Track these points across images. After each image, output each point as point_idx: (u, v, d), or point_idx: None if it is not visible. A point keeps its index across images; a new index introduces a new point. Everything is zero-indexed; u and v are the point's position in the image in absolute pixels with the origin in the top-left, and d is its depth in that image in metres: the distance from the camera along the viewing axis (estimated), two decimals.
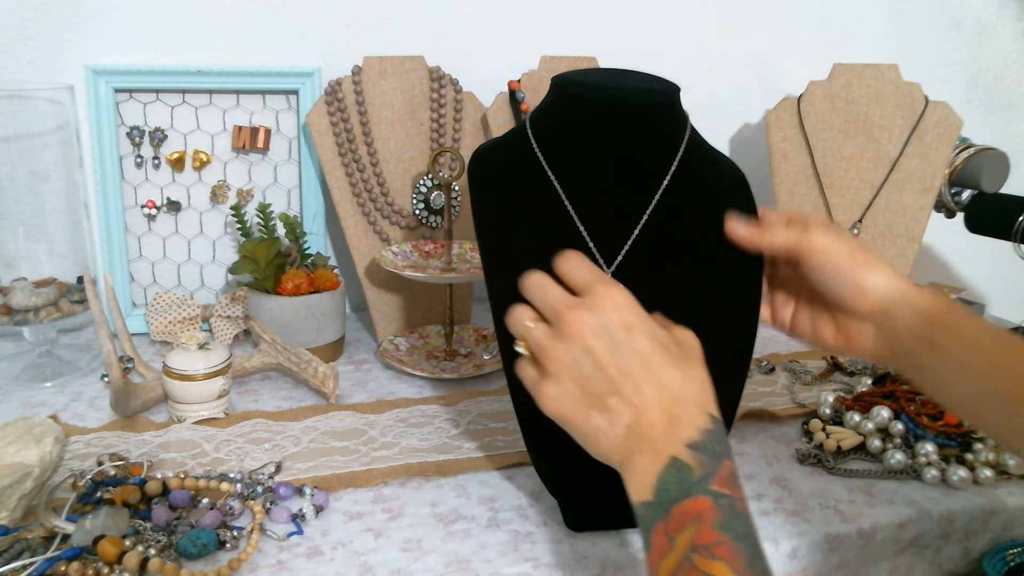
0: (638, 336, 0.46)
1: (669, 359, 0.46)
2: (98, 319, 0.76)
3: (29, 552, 0.53)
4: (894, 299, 0.52)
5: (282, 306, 0.88)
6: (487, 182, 0.63)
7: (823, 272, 0.54)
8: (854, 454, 0.72)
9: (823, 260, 0.54)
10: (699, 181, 0.61)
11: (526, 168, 0.61)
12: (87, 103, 0.94)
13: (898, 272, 0.54)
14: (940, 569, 0.66)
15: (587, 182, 0.60)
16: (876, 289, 0.53)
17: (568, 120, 0.60)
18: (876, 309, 0.53)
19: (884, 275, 0.53)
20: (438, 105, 0.98)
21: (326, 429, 0.75)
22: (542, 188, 0.60)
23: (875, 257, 0.54)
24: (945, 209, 1.07)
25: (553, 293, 0.48)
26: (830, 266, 0.54)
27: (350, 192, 0.96)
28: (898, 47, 1.28)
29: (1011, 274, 1.39)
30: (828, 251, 0.54)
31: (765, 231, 0.57)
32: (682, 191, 0.60)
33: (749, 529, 0.40)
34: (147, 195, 0.99)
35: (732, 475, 0.42)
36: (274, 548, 0.57)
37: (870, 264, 0.54)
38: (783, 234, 0.56)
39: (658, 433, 0.43)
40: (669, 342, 0.47)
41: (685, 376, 0.46)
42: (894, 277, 0.53)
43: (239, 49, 1.00)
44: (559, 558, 0.57)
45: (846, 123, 1.00)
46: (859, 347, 0.56)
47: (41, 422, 0.67)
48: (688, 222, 0.60)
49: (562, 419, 0.47)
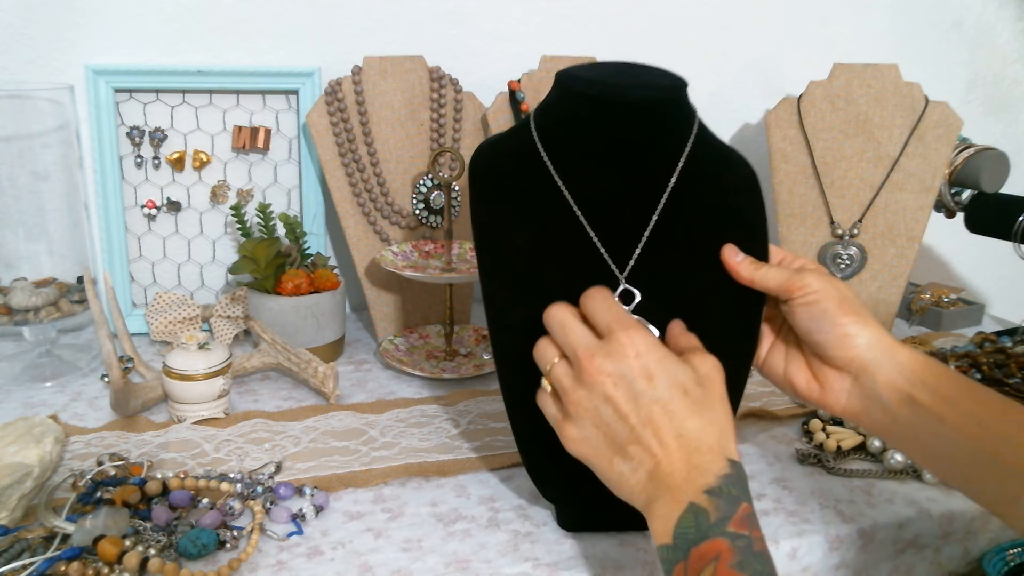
0: (658, 383, 0.47)
1: (689, 405, 0.47)
2: (98, 319, 0.76)
3: (29, 552, 0.53)
4: (875, 353, 0.52)
5: (282, 306, 0.88)
6: (488, 179, 0.61)
7: (810, 313, 0.54)
8: (854, 454, 0.72)
9: (812, 300, 0.54)
10: (708, 179, 0.60)
11: (529, 166, 0.60)
12: (87, 103, 0.94)
13: (883, 329, 0.54)
14: (940, 569, 0.66)
15: (592, 182, 0.58)
16: (859, 340, 0.53)
17: (571, 117, 0.59)
18: (856, 360, 0.53)
19: (869, 328, 0.53)
20: (438, 105, 0.98)
21: (326, 429, 0.75)
22: (546, 188, 0.59)
23: (864, 310, 0.54)
24: (945, 209, 1.07)
25: (575, 335, 0.49)
26: (818, 309, 0.54)
27: (350, 192, 0.96)
28: (898, 47, 1.28)
29: (1011, 274, 1.39)
30: (820, 293, 0.54)
31: (759, 268, 0.56)
32: (690, 189, 0.58)
33: (767, 567, 0.41)
34: (147, 195, 0.99)
35: (750, 516, 0.43)
36: (274, 548, 0.57)
37: (858, 315, 0.53)
38: (775, 273, 0.56)
39: (677, 481, 0.45)
40: (690, 382, 0.48)
41: (704, 422, 0.47)
42: (879, 332, 0.53)
43: (239, 49, 1.00)
44: (559, 558, 0.57)
45: (846, 123, 1.00)
46: (830, 398, 0.55)
47: (41, 422, 0.67)
48: (697, 221, 0.59)
49: (585, 460, 0.50)
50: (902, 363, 0.52)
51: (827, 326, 0.53)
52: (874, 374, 0.52)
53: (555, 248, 0.58)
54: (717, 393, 0.48)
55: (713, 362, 0.49)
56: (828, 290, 0.54)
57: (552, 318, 0.51)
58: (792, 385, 0.58)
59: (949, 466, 0.51)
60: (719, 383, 0.49)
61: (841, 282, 0.56)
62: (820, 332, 0.54)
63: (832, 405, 0.55)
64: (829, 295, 0.54)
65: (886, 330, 0.54)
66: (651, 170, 0.58)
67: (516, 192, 0.60)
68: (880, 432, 0.54)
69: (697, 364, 0.49)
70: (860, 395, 0.54)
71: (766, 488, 0.67)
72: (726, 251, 0.57)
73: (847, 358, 0.53)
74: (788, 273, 0.55)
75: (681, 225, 0.58)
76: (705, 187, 0.59)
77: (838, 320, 0.53)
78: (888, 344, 0.53)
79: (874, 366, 0.52)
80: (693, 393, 0.47)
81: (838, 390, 0.55)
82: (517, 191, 0.60)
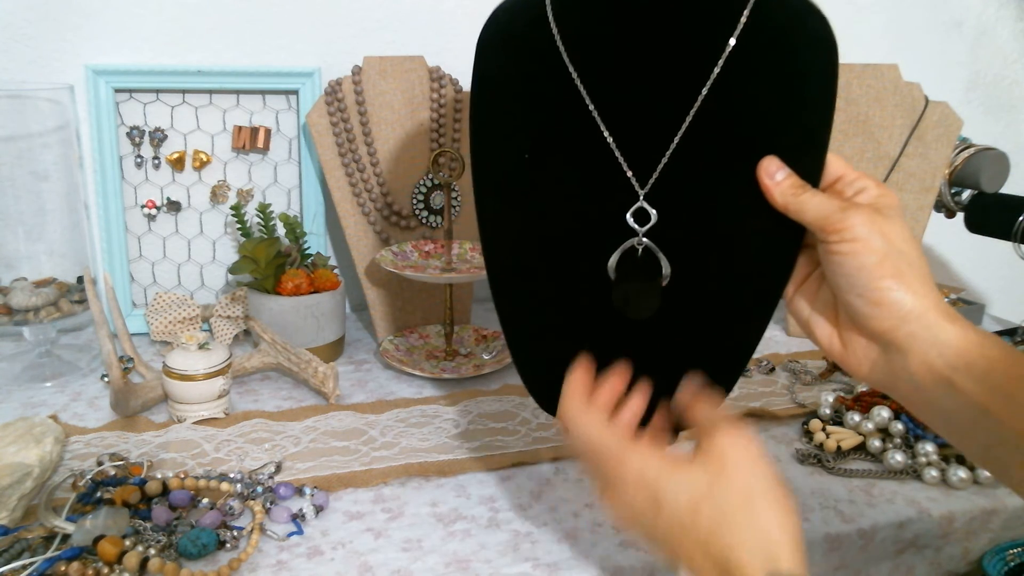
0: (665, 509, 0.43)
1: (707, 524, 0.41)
2: (98, 319, 0.76)
3: (29, 552, 0.53)
4: (912, 327, 0.43)
5: (282, 306, 0.88)
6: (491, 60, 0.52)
7: (843, 266, 0.45)
8: (854, 454, 0.72)
9: (848, 251, 0.44)
10: (767, 61, 0.47)
11: (539, 45, 0.49)
12: (87, 103, 0.94)
13: (933, 297, 0.44)
14: (940, 569, 0.66)
15: (613, 68, 0.48)
16: (895, 309, 0.44)
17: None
18: (887, 334, 0.44)
19: (912, 296, 0.43)
20: (438, 105, 0.98)
21: (326, 429, 0.75)
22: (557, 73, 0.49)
23: (913, 270, 0.44)
24: (945, 209, 1.07)
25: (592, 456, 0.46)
26: (854, 263, 0.44)
27: (350, 192, 0.96)
28: (898, 47, 1.28)
29: (1011, 274, 1.39)
30: (860, 243, 0.44)
31: (799, 192, 0.46)
32: (741, 78, 0.47)
33: None
34: (147, 195, 0.99)
35: None
36: (274, 548, 0.57)
37: (901, 277, 0.44)
38: (817, 203, 0.46)
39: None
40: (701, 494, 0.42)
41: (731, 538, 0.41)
42: (924, 301, 0.44)
43: (239, 49, 1.00)
44: (559, 558, 0.57)
45: (846, 123, 1.00)
46: (851, 362, 0.48)
47: (41, 422, 0.67)
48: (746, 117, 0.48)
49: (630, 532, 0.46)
50: (945, 342, 0.43)
51: (860, 286, 0.44)
52: (907, 352, 0.44)
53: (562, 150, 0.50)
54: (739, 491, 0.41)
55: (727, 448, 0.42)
56: (872, 240, 0.44)
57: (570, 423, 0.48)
58: (813, 335, 0.50)
59: (990, 457, 0.44)
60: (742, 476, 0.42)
61: (899, 227, 0.45)
62: (851, 291, 0.45)
63: (853, 370, 0.48)
64: (871, 247, 0.44)
65: (938, 298, 0.44)
66: (692, 51, 0.47)
67: (522, 80, 0.51)
68: (910, 408, 0.47)
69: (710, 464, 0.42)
70: (886, 369, 0.46)
71: None
72: (763, 166, 0.47)
73: (877, 329, 0.45)
74: (832, 207, 0.45)
75: (724, 125, 0.48)
76: (762, 72, 0.47)
77: (874, 282, 0.44)
78: (932, 318, 0.43)
79: (907, 343, 0.44)
80: (706, 508, 0.42)
81: (861, 357, 0.47)
82: (523, 79, 0.51)
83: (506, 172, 0.52)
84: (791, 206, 0.46)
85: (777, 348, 0.99)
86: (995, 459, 0.44)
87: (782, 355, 0.96)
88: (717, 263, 0.50)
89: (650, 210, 0.49)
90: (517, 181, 0.52)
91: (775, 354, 0.96)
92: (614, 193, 0.49)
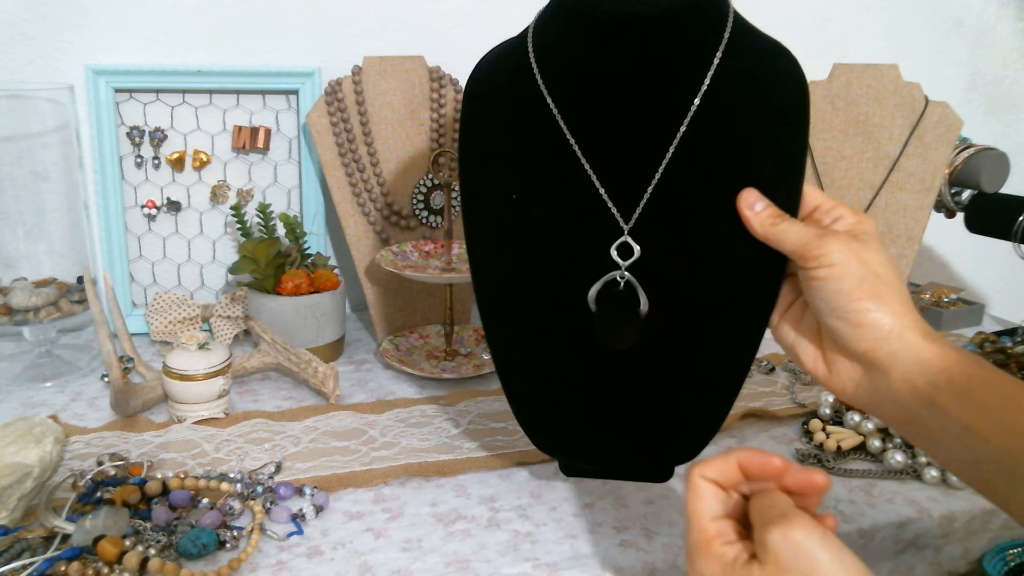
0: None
1: None
2: (98, 319, 0.76)
3: (29, 552, 0.53)
4: (893, 347, 0.45)
5: (282, 306, 0.88)
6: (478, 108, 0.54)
7: (823, 291, 0.46)
8: (854, 454, 0.72)
9: (826, 276, 0.46)
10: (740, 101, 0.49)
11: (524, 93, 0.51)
12: (87, 103, 0.94)
13: (912, 316, 0.45)
14: (940, 569, 0.66)
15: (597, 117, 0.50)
16: (876, 330, 0.45)
17: (565, 39, 0.50)
18: (869, 354, 0.46)
19: (891, 317, 0.45)
20: (438, 105, 0.98)
21: (326, 429, 0.75)
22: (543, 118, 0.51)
23: (891, 291, 0.45)
24: (945, 209, 1.07)
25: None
26: (832, 288, 0.46)
27: (350, 192, 0.96)
28: (898, 47, 1.28)
29: (1011, 274, 1.39)
30: (837, 268, 0.45)
31: (778, 222, 0.48)
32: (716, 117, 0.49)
33: None
34: (147, 195, 0.99)
35: None
36: (274, 548, 0.57)
37: (879, 298, 0.45)
38: (795, 232, 0.47)
39: None
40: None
41: None
42: (903, 321, 0.45)
43: (239, 49, 1.00)
44: (559, 558, 0.57)
45: (846, 123, 1.00)
46: (836, 384, 0.49)
47: (41, 422, 0.67)
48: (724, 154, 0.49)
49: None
50: (927, 361, 0.44)
51: (840, 309, 0.46)
52: (888, 371, 0.45)
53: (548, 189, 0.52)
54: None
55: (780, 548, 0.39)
56: (848, 264, 0.45)
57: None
58: (799, 360, 0.51)
59: (974, 474, 0.44)
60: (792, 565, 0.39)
61: (875, 252, 0.46)
62: (832, 314, 0.46)
63: (839, 392, 0.49)
64: (848, 271, 0.45)
65: (917, 318, 0.45)
66: (669, 98, 0.49)
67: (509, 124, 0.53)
68: (893, 426, 0.47)
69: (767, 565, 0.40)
70: (870, 389, 0.47)
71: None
72: (743, 197, 0.49)
73: (859, 350, 0.46)
74: (809, 234, 0.47)
75: (702, 162, 0.50)
76: (736, 112, 0.49)
77: (852, 304, 0.45)
78: (912, 338, 0.44)
79: (888, 362, 0.45)
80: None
81: (846, 379, 0.48)
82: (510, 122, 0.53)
83: (495, 211, 0.54)
84: (771, 235, 0.48)
85: (777, 348, 0.99)
86: (980, 477, 0.44)
87: (782, 355, 0.96)
88: (701, 293, 0.52)
89: (634, 245, 0.51)
90: (506, 220, 0.54)
91: (775, 354, 0.96)
92: (599, 228, 0.51)
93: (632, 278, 0.51)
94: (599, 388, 0.56)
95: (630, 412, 0.56)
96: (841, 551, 0.39)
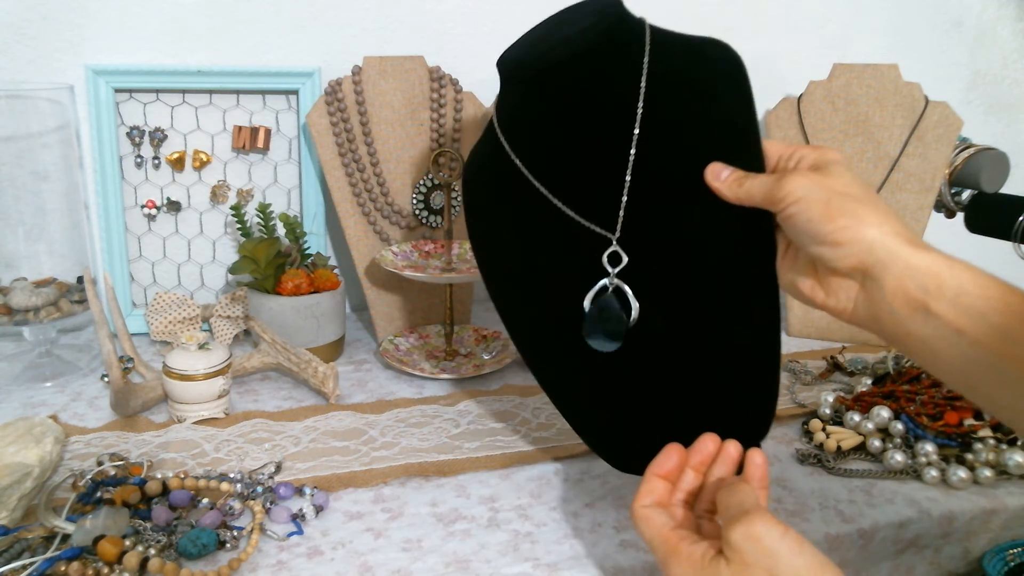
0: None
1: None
2: (98, 319, 0.76)
3: (29, 552, 0.53)
4: (880, 255, 0.45)
5: (282, 306, 0.88)
6: (472, 187, 0.61)
7: (795, 226, 0.48)
8: (854, 454, 0.72)
9: (794, 212, 0.47)
10: (678, 95, 0.52)
11: (501, 166, 0.57)
12: (87, 103, 0.94)
13: (893, 222, 0.46)
14: (940, 569, 0.66)
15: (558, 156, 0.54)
16: (857, 244, 0.45)
17: (510, 100, 0.55)
18: (857, 267, 0.46)
19: (869, 228, 0.45)
20: (438, 105, 0.98)
21: (326, 429, 0.75)
22: (519, 180, 0.56)
23: (863, 206, 0.46)
24: (945, 209, 1.07)
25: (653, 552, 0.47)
26: (802, 219, 0.47)
27: (350, 192, 0.96)
28: (898, 47, 1.28)
29: (1011, 274, 1.39)
30: (800, 200, 0.47)
31: (743, 182, 0.50)
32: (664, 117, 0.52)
33: None
34: (147, 195, 0.99)
35: None
36: (274, 548, 0.57)
37: (852, 215, 0.46)
38: (758, 185, 0.49)
39: None
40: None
41: None
42: (885, 231, 0.45)
43: (239, 49, 1.00)
44: (559, 558, 0.57)
45: (846, 123, 1.00)
46: (838, 307, 0.49)
47: (41, 422, 0.67)
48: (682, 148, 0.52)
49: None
50: (916, 267, 0.44)
51: (818, 235, 0.47)
52: (880, 279, 0.45)
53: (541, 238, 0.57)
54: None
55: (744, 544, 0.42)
56: (811, 193, 0.46)
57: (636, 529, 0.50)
58: (800, 294, 0.52)
59: (970, 384, 0.45)
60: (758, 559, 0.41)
61: (839, 176, 0.47)
62: (813, 243, 0.47)
63: (839, 312, 0.49)
64: (812, 199, 0.46)
65: (900, 227, 0.46)
66: (614, 117, 0.53)
67: (497, 194, 0.59)
68: (894, 343, 0.47)
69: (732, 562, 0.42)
70: (867, 303, 0.47)
71: None
72: (709, 172, 0.51)
73: (847, 266, 0.47)
74: (771, 181, 0.48)
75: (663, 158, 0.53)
76: (678, 104, 0.53)
77: (826, 227, 0.46)
78: (897, 245, 0.45)
79: (878, 270, 0.45)
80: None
81: (844, 298, 0.49)
82: (498, 193, 0.59)
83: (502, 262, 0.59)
84: (741, 196, 0.50)
85: None
86: (972, 383, 0.45)
87: (782, 355, 0.96)
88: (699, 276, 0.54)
89: (622, 253, 0.54)
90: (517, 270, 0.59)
91: None
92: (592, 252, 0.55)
93: (621, 283, 0.54)
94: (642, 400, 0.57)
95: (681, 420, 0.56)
96: (802, 544, 0.41)
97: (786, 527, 0.42)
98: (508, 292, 0.60)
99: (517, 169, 0.56)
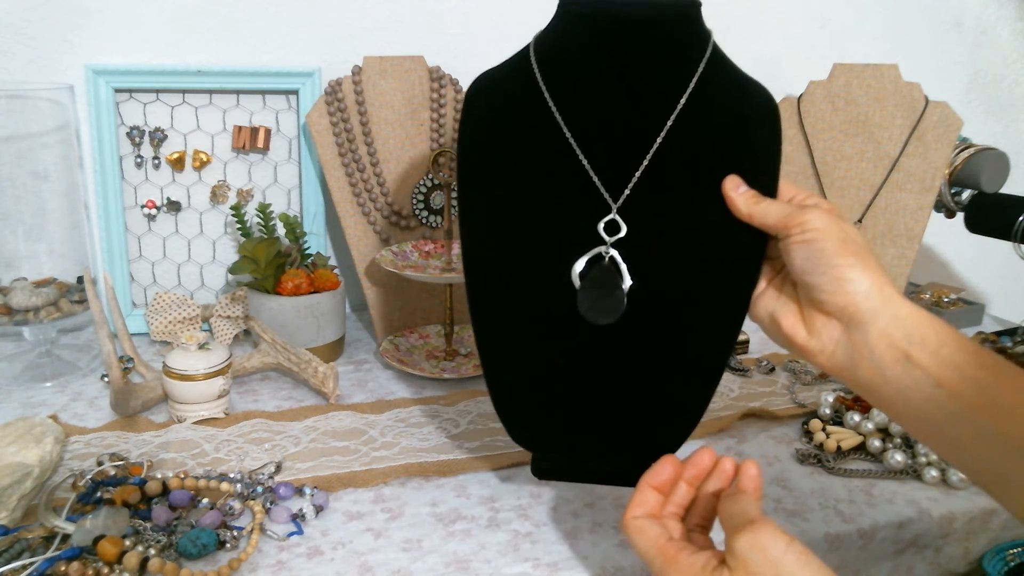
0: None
1: None
2: (98, 319, 0.76)
3: (29, 552, 0.53)
4: (873, 302, 0.48)
5: (282, 306, 0.88)
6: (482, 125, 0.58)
7: (807, 252, 0.50)
8: (854, 454, 0.72)
9: (811, 239, 0.49)
10: (719, 107, 0.55)
11: (528, 105, 0.56)
12: (87, 103, 0.94)
13: (887, 278, 0.49)
14: (940, 569, 0.66)
15: (592, 109, 0.54)
16: (857, 286, 0.48)
17: (570, 42, 0.55)
18: (850, 307, 0.48)
19: (870, 274, 0.48)
20: (438, 105, 0.98)
21: (326, 429, 0.75)
22: (545, 123, 0.55)
23: (869, 256, 0.49)
24: (945, 209, 1.07)
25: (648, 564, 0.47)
26: (816, 248, 0.49)
27: (350, 192, 0.96)
28: (898, 47, 1.28)
29: (1011, 274, 1.39)
30: (820, 232, 0.49)
31: (759, 202, 0.52)
32: (699, 117, 0.54)
33: None
34: (147, 195, 0.99)
35: None
36: (274, 548, 0.57)
37: (860, 259, 0.49)
38: (776, 208, 0.51)
39: None
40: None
41: None
42: (881, 280, 0.48)
43: (239, 49, 1.00)
44: (559, 558, 0.57)
45: (846, 123, 1.00)
46: (815, 346, 0.51)
47: (41, 422, 0.67)
48: (704, 151, 0.55)
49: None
50: (902, 317, 0.47)
51: (823, 267, 0.49)
52: (868, 325, 0.48)
53: (542, 173, 0.56)
54: None
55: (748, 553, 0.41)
56: (830, 229, 0.49)
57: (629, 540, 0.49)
58: (777, 326, 0.53)
59: (941, 436, 0.46)
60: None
61: (850, 225, 0.51)
62: (815, 272, 0.49)
63: (816, 354, 0.51)
64: (830, 234, 0.49)
65: (891, 280, 0.49)
66: (657, 95, 0.54)
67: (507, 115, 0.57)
68: (865, 392, 0.50)
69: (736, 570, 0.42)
70: (849, 347, 0.49)
71: (766, 488, 0.67)
72: (728, 182, 0.53)
73: (840, 304, 0.49)
74: (790, 209, 0.51)
75: (686, 154, 0.54)
76: (716, 115, 0.55)
77: (835, 261, 0.49)
78: (889, 295, 0.48)
79: (869, 316, 0.48)
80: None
81: (825, 339, 0.50)
82: (508, 113, 0.57)
83: (490, 196, 0.57)
84: (754, 212, 0.52)
85: (777, 348, 0.99)
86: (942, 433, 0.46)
87: (782, 355, 0.96)
88: (684, 274, 0.55)
89: (621, 223, 0.54)
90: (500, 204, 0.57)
91: (775, 354, 0.96)
92: (589, 209, 0.54)
93: (616, 254, 0.54)
94: (582, 370, 0.57)
95: (613, 396, 0.57)
96: (807, 555, 0.41)
97: (791, 537, 0.41)
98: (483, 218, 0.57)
99: (548, 111, 0.55)
